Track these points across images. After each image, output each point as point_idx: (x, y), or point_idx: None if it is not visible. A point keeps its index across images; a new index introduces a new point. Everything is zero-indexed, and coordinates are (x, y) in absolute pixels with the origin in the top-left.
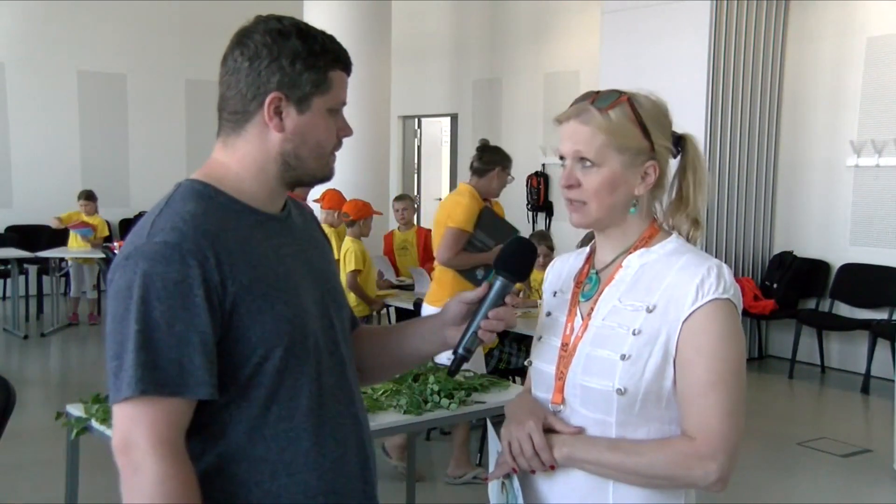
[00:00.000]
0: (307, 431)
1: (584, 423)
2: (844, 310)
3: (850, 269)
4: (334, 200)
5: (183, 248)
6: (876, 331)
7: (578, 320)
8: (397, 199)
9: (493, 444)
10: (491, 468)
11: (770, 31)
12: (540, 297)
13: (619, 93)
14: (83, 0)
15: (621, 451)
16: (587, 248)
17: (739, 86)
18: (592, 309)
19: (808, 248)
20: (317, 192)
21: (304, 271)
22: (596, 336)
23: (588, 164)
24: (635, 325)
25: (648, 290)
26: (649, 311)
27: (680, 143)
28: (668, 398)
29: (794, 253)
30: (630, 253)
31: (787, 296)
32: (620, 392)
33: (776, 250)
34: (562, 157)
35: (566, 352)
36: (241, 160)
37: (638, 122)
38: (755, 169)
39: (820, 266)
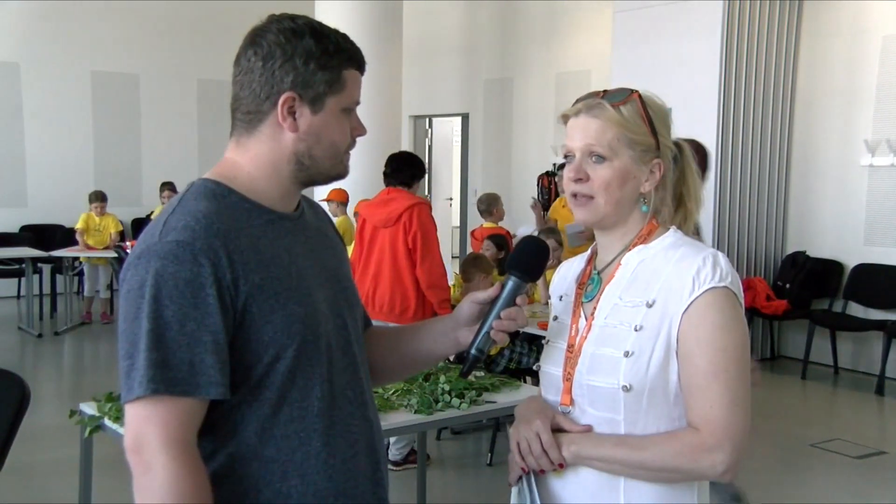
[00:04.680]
0: (318, 432)
1: (594, 423)
2: (858, 310)
3: (864, 270)
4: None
5: (195, 248)
6: (891, 332)
7: (582, 321)
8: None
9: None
10: None
11: (783, 30)
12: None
13: (630, 90)
14: (96, 1)
15: (627, 446)
16: (589, 251)
17: (752, 85)
18: (595, 309)
19: (821, 248)
20: (322, 191)
21: (317, 271)
22: (599, 335)
23: (598, 158)
24: (636, 322)
25: (648, 286)
26: (649, 306)
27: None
28: (675, 393)
29: (808, 253)
30: (629, 251)
31: (800, 296)
32: (626, 389)
33: (789, 250)
34: (566, 156)
35: (572, 353)
36: (255, 160)
37: (647, 119)
38: (768, 168)
39: (833, 266)
